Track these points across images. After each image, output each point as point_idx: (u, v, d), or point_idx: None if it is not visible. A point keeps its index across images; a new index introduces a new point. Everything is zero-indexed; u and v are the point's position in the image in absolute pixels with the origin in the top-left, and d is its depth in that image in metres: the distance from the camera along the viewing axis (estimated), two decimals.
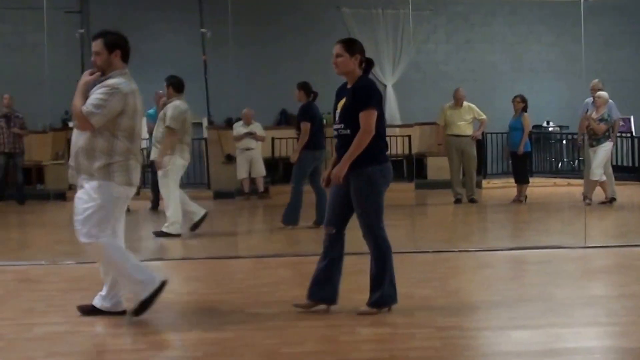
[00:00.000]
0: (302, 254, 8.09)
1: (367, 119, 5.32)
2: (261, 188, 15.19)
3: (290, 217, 10.14)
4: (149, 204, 13.16)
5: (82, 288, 6.64)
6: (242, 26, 18.29)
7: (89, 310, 5.50)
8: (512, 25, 19.20)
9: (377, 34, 18.42)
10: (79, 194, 5.29)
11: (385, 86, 18.53)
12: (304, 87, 10.20)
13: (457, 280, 6.85)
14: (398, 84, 18.55)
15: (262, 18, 18.36)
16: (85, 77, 5.33)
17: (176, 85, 9.66)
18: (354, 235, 5.69)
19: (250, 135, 15.03)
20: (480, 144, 15.03)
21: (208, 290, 6.67)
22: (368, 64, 5.59)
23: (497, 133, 16.64)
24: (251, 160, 15.12)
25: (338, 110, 5.54)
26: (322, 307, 5.55)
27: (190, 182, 16.71)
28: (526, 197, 13.11)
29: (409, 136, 17.11)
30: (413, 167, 17.31)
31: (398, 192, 15.62)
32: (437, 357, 4.53)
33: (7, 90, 14.95)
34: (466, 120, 13.11)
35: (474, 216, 12.10)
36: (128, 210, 12.49)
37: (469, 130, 13.15)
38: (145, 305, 5.28)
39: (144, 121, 12.87)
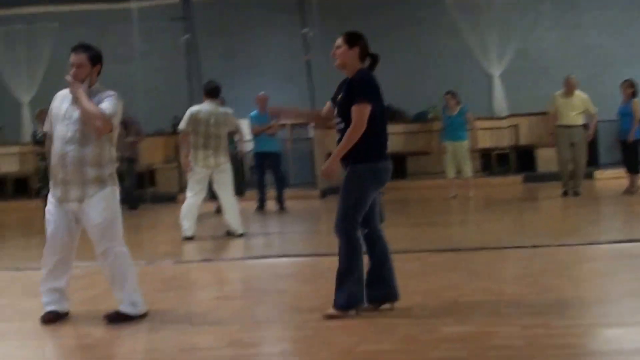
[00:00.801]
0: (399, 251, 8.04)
1: (359, 112, 5.10)
2: None
3: None
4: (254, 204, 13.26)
5: (173, 287, 6.84)
6: (344, 23, 18.26)
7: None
8: (623, 8, 18.38)
9: (483, 24, 18.02)
10: (95, 204, 5.37)
11: (492, 76, 18.18)
12: None
13: (552, 276, 6.56)
14: (505, 73, 18.11)
15: (365, 14, 18.29)
16: (79, 84, 5.40)
17: (207, 91, 9.76)
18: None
19: None
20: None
21: (297, 288, 6.68)
22: (373, 60, 5.41)
23: (609, 121, 16.04)
24: None
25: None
26: (386, 306, 5.43)
27: (298, 182, 16.90)
28: (639, 188, 12.57)
29: (516, 126, 16.72)
30: (519, 160, 16.89)
31: (505, 186, 15.33)
32: (517, 357, 4.35)
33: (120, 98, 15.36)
34: (577, 110, 12.61)
35: (581, 209, 11.65)
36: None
37: (580, 120, 12.68)
38: (126, 319, 5.41)
39: (247, 123, 13.13)
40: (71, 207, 5.42)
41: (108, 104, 5.38)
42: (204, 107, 9.59)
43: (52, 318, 5.50)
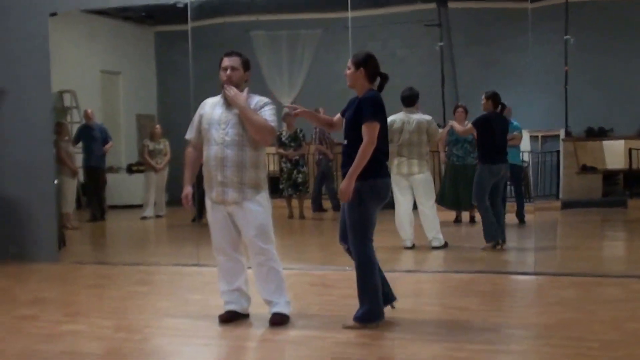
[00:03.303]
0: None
1: (370, 130, 5.39)
2: None
3: (489, 233, 9.44)
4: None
5: None
6: (605, 31, 17.46)
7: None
8: None
9: None
10: (252, 207, 5.62)
11: None
12: (494, 97, 9.69)
13: None
14: None
15: (627, 23, 17.37)
16: (241, 94, 5.59)
17: (402, 99, 9.72)
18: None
19: None
20: None
21: (477, 306, 6.50)
22: (382, 79, 5.63)
23: None
24: None
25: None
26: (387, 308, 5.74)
27: (540, 194, 16.41)
28: None
29: None
30: None
31: None
32: None
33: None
34: None
35: None
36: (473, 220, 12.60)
37: None
38: (287, 320, 5.78)
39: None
40: (228, 209, 5.67)
41: (271, 115, 5.64)
42: (399, 116, 9.66)
43: (229, 318, 5.84)
